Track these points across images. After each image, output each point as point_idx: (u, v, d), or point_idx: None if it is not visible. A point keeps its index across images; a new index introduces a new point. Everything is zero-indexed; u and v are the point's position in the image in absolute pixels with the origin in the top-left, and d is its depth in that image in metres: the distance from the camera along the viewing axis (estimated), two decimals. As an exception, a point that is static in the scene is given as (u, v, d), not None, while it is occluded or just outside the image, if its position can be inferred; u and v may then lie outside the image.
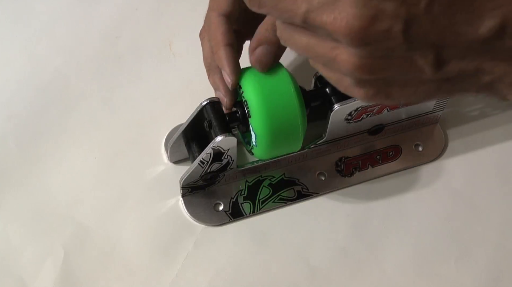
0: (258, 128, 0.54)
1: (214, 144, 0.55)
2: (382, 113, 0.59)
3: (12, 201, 0.60)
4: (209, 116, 0.56)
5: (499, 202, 0.62)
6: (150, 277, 0.57)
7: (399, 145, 0.63)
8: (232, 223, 0.60)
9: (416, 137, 0.64)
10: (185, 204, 0.60)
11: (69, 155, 0.63)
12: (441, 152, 0.63)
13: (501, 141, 0.65)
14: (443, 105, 0.62)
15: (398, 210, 0.61)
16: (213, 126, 0.55)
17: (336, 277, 0.58)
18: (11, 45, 0.69)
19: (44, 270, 0.57)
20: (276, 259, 0.59)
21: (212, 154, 0.56)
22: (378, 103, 0.58)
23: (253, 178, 0.61)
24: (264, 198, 0.61)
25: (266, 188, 0.61)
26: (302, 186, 0.61)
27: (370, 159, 0.63)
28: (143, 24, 0.71)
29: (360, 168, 0.62)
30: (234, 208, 0.60)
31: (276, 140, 0.55)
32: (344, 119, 0.58)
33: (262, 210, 0.60)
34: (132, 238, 0.59)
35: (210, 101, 0.56)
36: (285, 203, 0.61)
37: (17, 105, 0.65)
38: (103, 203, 0.60)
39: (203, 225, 0.59)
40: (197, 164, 0.56)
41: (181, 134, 0.59)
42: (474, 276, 0.58)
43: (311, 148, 0.61)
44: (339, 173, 0.62)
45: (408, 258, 0.59)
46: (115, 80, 0.67)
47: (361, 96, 0.43)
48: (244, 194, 0.61)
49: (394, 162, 0.63)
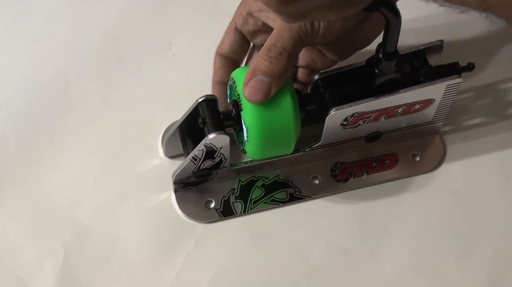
0: (249, 121, 0.54)
1: (207, 141, 0.55)
2: (379, 120, 0.59)
3: (12, 201, 0.60)
4: (204, 113, 0.56)
5: (500, 202, 0.62)
6: (150, 277, 0.57)
7: (396, 153, 0.63)
8: (223, 221, 0.60)
9: (414, 147, 0.63)
10: (176, 199, 0.60)
11: (69, 155, 0.63)
12: (437, 164, 0.63)
13: (502, 149, 0.64)
14: (443, 116, 0.62)
15: (398, 210, 0.61)
16: (207, 123, 0.55)
17: (336, 276, 0.58)
18: (11, 45, 0.69)
19: (44, 270, 0.57)
20: (276, 259, 0.59)
21: (205, 151, 0.56)
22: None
23: (246, 178, 0.61)
24: (256, 199, 0.61)
25: (259, 188, 0.61)
26: (295, 189, 0.61)
27: (366, 166, 0.62)
28: (143, 24, 0.71)
29: (355, 174, 0.62)
30: (225, 207, 0.60)
31: (267, 136, 0.54)
32: (340, 125, 0.58)
33: (253, 210, 0.60)
34: (132, 238, 0.59)
35: (206, 99, 0.56)
36: (277, 204, 0.61)
37: (17, 105, 0.65)
38: (103, 203, 0.60)
39: (193, 221, 0.59)
40: (189, 160, 0.56)
41: (177, 129, 0.59)
42: (474, 276, 0.58)
43: (307, 151, 0.60)
44: (333, 178, 0.62)
45: (408, 258, 0.59)
46: (115, 80, 0.67)
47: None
48: (236, 193, 0.61)
49: (390, 170, 0.62)
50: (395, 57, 0.55)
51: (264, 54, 0.53)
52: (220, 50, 0.61)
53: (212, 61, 0.62)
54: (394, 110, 0.58)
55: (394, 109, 0.58)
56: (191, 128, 0.58)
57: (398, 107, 0.58)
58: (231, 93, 0.58)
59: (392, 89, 0.56)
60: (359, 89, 0.57)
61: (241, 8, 0.60)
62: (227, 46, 0.61)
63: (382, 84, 0.56)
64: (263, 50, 0.54)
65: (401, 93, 0.56)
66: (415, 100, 0.58)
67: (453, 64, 0.58)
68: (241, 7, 0.60)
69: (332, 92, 0.57)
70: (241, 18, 0.59)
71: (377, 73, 0.56)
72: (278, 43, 0.53)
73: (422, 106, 0.59)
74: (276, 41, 0.53)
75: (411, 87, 0.57)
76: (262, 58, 0.53)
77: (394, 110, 0.58)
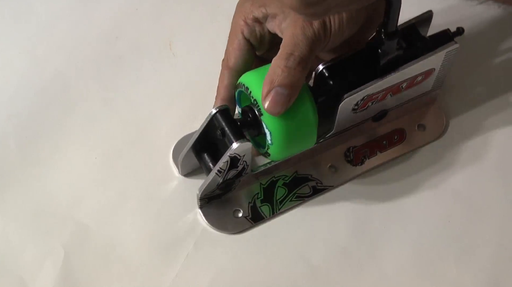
0: (271, 124, 0.54)
1: (231, 151, 0.54)
2: (386, 99, 0.60)
3: (12, 201, 0.60)
4: (221, 124, 0.55)
5: (500, 202, 0.62)
6: (150, 277, 0.57)
7: (402, 128, 0.64)
8: (254, 228, 0.59)
9: (418, 119, 0.65)
10: (204, 216, 0.59)
11: (69, 155, 0.63)
12: (443, 129, 0.64)
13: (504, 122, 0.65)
14: (440, 83, 0.63)
15: (398, 210, 0.61)
16: (227, 134, 0.55)
17: (336, 276, 0.58)
18: (11, 45, 0.69)
19: (44, 270, 0.57)
20: (276, 259, 0.59)
21: (229, 161, 0.55)
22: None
23: (266, 180, 0.61)
24: (281, 198, 0.61)
25: (281, 188, 0.61)
26: (316, 181, 0.61)
27: (377, 145, 0.63)
28: (143, 24, 0.71)
29: (368, 155, 0.63)
30: (254, 212, 0.60)
31: (291, 135, 0.55)
32: (351, 110, 0.58)
33: (281, 210, 0.60)
34: (132, 238, 0.59)
35: (220, 110, 0.56)
36: (302, 200, 0.61)
37: (17, 105, 0.65)
38: (103, 203, 0.60)
39: (225, 233, 0.59)
40: (214, 173, 0.56)
41: (192, 147, 0.58)
42: (474, 276, 0.58)
43: (320, 143, 0.61)
44: (349, 163, 0.63)
45: (408, 258, 0.59)
46: (115, 80, 0.67)
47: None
48: (260, 197, 0.61)
49: (401, 145, 0.64)
50: (396, 36, 0.55)
51: (283, 65, 0.52)
52: (231, 64, 0.58)
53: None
54: (399, 86, 0.59)
55: (399, 85, 0.59)
56: (205, 142, 0.58)
57: (403, 82, 0.59)
58: (241, 98, 0.58)
59: (396, 66, 0.57)
60: (364, 72, 0.57)
61: (241, 16, 0.58)
62: (240, 60, 0.58)
63: (386, 64, 0.57)
64: (280, 60, 0.53)
65: (406, 68, 0.58)
66: (418, 72, 0.59)
67: (444, 31, 0.60)
68: (241, 14, 0.58)
69: (339, 80, 0.57)
70: (246, 26, 0.57)
71: (381, 54, 0.56)
72: (296, 52, 0.53)
73: (423, 77, 0.60)
74: (293, 51, 0.53)
75: (414, 60, 0.58)
76: (280, 68, 0.52)
77: (399, 86, 0.59)
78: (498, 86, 0.67)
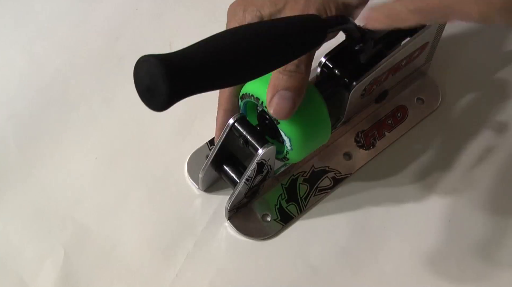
0: (290, 131, 0.53)
1: (258, 158, 0.54)
2: (388, 79, 0.60)
3: (12, 201, 0.60)
4: (241, 133, 0.55)
5: (499, 202, 0.62)
6: (150, 277, 0.57)
7: (403, 104, 0.66)
8: (284, 230, 0.60)
9: (415, 93, 0.66)
10: (235, 227, 0.59)
11: (69, 155, 0.63)
12: (441, 99, 0.66)
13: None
14: (431, 55, 0.64)
15: (398, 210, 0.61)
16: (249, 141, 0.55)
17: (336, 276, 0.58)
18: (11, 45, 0.69)
19: (44, 270, 0.57)
20: (277, 259, 0.59)
21: (256, 168, 0.55)
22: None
23: (286, 180, 0.61)
24: (305, 195, 0.61)
25: (303, 184, 0.61)
26: (334, 171, 0.62)
27: (383, 126, 0.64)
28: (143, 24, 0.71)
29: (378, 137, 0.64)
30: (282, 214, 0.60)
31: (309, 137, 0.54)
32: (360, 96, 0.59)
33: (308, 207, 0.60)
34: (132, 238, 0.59)
35: (237, 119, 0.55)
36: (325, 192, 0.61)
37: (17, 105, 0.65)
38: (104, 203, 0.61)
39: (259, 241, 0.59)
40: (243, 183, 0.56)
41: (211, 163, 0.58)
42: (474, 276, 0.58)
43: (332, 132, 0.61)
44: (362, 148, 0.63)
45: (408, 258, 0.59)
46: (115, 80, 0.67)
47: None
48: (285, 197, 0.61)
49: (406, 120, 0.65)
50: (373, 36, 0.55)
51: (282, 69, 0.52)
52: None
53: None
54: (399, 64, 0.60)
55: (399, 63, 0.60)
56: (224, 154, 0.58)
57: (403, 60, 0.60)
58: (247, 108, 0.57)
59: (394, 44, 0.58)
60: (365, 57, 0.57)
61: (235, 24, 0.56)
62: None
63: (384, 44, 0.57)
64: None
65: (407, 45, 0.58)
66: (416, 48, 0.60)
67: None
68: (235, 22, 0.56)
69: (346, 68, 0.57)
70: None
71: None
72: None
73: (419, 52, 0.61)
74: None
75: (414, 35, 0.58)
76: (280, 73, 0.52)
77: (400, 64, 0.60)
78: (477, 50, 0.69)
